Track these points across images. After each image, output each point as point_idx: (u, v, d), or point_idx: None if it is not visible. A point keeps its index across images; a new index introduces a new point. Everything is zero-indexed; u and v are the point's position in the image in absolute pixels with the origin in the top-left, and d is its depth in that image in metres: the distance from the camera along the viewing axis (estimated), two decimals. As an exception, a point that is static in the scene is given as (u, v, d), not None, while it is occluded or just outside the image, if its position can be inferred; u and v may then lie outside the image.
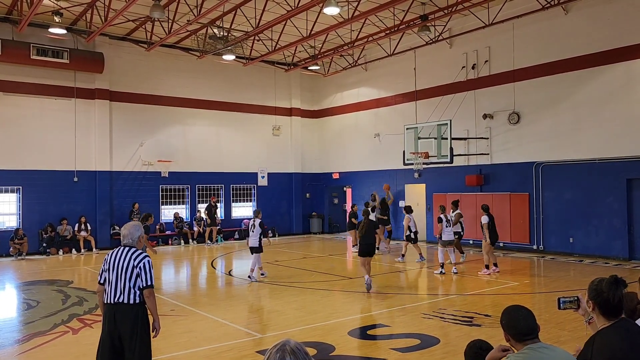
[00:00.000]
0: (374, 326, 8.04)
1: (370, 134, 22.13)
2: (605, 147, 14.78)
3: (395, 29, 17.88)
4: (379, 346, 7.02)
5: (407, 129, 17.95)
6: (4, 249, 17.09)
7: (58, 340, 7.53)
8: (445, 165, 17.44)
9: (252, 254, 12.56)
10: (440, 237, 13.24)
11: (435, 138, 17.06)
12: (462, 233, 15.27)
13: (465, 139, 17.87)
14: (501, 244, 17.20)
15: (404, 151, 17.93)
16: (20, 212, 17.89)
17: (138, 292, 4.76)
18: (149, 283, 4.78)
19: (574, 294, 3.53)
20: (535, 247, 16.39)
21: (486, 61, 17.72)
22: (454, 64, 18.58)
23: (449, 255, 13.19)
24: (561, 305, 3.45)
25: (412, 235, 14.91)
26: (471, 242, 18.00)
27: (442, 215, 13.41)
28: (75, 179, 18.77)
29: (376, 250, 12.47)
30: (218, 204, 21.57)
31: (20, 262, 16.29)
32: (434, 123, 17.30)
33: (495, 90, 17.46)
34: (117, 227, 19.47)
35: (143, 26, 18.20)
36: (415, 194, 20.39)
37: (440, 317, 8.46)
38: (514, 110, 16.91)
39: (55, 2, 15.74)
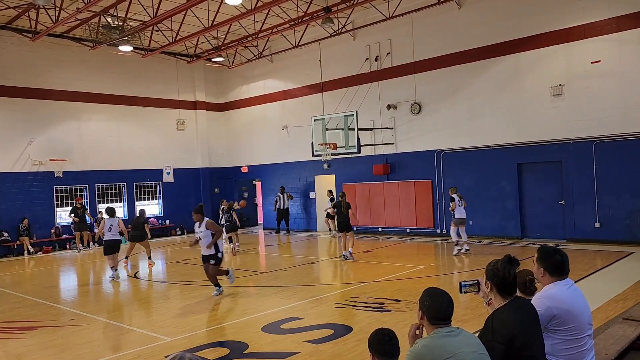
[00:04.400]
0: (287, 320, 7.98)
1: (278, 126, 22.01)
2: (497, 134, 15.82)
3: (299, 20, 17.85)
4: (292, 339, 6.96)
5: (314, 120, 18.05)
6: None
7: None
8: (353, 155, 17.77)
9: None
10: (454, 216, 13.43)
11: (342, 129, 17.32)
12: None
13: (371, 129, 18.32)
14: (408, 230, 17.92)
15: (312, 142, 18.03)
16: None
17: None
18: None
19: (474, 275, 3.67)
20: (439, 231, 17.22)
21: (388, 53, 18.24)
22: (357, 56, 18.94)
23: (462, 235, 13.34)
24: (462, 289, 3.57)
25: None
26: (380, 229, 18.56)
27: (454, 195, 13.43)
28: (-47, 183, 16.88)
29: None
30: (86, 205, 19.66)
31: None
32: (341, 114, 17.54)
33: (397, 82, 18.03)
34: (5, 234, 17.81)
35: (26, 14, 16.65)
36: (325, 185, 20.63)
37: (352, 306, 8.59)
38: (415, 101, 17.58)
39: None
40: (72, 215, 18.65)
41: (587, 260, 11.82)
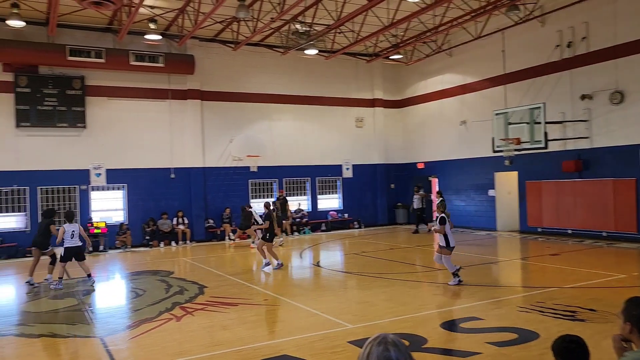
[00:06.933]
0: (467, 319, 7.83)
1: (455, 121, 21.46)
2: None
3: (482, 10, 17.14)
4: (473, 339, 6.82)
5: (496, 114, 17.20)
6: (114, 242, 18.53)
7: (163, 327, 8.06)
8: (539, 151, 16.51)
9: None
10: (447, 245, 10.34)
11: (527, 123, 16.20)
12: None
13: (560, 122, 16.80)
14: (604, 233, 16.05)
15: (493, 138, 17.21)
16: (126, 207, 19.34)
17: None
18: None
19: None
20: (643, 236, 15.11)
21: (583, 38, 16.50)
22: (546, 44, 17.49)
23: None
24: None
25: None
26: (570, 231, 16.98)
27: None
28: (172, 176, 19.92)
29: None
30: (287, 198, 21.30)
31: (126, 254, 17.61)
32: (526, 107, 16.42)
33: (594, 69, 16.22)
34: (210, 221, 20.46)
35: (229, 27, 18.88)
36: (506, 183, 19.53)
37: (539, 311, 8.06)
38: (616, 89, 15.63)
39: (150, 10, 16.74)
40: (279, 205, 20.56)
41: None
